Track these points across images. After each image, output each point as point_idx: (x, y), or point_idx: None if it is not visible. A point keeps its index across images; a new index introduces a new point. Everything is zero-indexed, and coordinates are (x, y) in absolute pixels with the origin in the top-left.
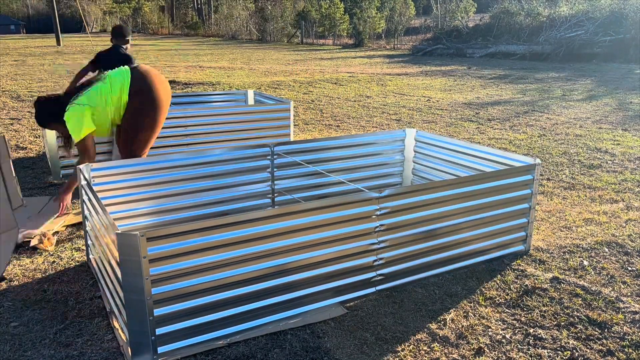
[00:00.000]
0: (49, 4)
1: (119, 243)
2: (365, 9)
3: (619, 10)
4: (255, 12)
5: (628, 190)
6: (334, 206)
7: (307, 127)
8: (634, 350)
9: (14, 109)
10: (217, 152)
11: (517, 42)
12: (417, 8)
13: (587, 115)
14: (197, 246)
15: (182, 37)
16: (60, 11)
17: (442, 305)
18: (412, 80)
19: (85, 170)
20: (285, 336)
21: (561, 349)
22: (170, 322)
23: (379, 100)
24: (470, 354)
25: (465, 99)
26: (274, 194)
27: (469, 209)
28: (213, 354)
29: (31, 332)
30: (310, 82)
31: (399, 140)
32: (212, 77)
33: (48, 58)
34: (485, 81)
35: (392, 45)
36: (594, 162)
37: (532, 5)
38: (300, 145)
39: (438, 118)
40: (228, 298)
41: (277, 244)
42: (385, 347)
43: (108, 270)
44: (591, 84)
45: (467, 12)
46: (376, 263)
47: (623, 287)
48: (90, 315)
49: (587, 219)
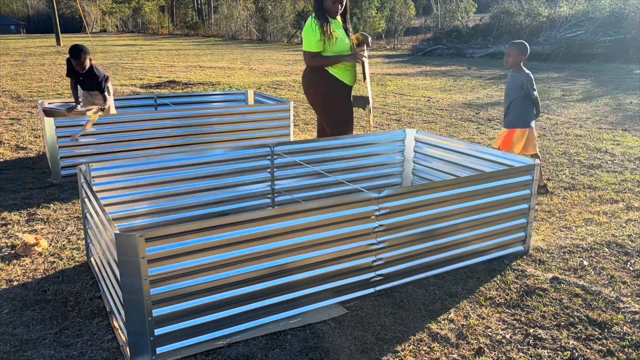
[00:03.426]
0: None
1: (118, 243)
2: (365, 9)
3: (619, 10)
4: (255, 12)
5: (628, 190)
6: (334, 206)
7: (307, 127)
8: (634, 350)
9: (14, 109)
10: (217, 152)
11: None
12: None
13: (587, 115)
14: (197, 246)
15: (182, 37)
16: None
17: (442, 305)
18: (412, 81)
19: (85, 170)
20: (285, 336)
21: (561, 349)
22: (169, 323)
23: (379, 100)
24: (470, 354)
25: (465, 99)
26: (274, 194)
27: (469, 209)
28: (213, 354)
29: (31, 332)
30: None
31: (398, 140)
32: (212, 77)
33: (48, 58)
34: (485, 81)
35: (392, 45)
36: (594, 162)
37: (532, 5)
38: (300, 145)
39: (438, 118)
40: (228, 298)
41: (277, 244)
42: (385, 347)
43: (107, 271)
44: (591, 84)
45: (467, 12)
46: (375, 263)
47: (623, 287)
48: (90, 315)
49: (587, 219)
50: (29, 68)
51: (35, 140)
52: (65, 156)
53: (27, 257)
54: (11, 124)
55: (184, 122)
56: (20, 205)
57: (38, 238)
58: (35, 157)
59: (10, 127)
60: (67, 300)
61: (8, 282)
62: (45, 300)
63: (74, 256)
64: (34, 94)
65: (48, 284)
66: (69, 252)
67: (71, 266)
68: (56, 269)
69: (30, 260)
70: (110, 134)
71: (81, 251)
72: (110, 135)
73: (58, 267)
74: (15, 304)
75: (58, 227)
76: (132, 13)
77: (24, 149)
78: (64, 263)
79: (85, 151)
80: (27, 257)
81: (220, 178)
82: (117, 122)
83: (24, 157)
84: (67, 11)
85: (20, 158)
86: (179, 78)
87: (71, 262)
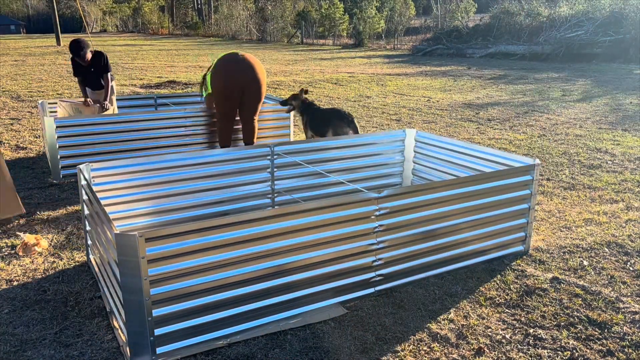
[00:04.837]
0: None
1: (118, 243)
2: (365, 9)
3: (619, 10)
4: (256, 12)
5: (628, 191)
6: (334, 206)
7: None
8: (634, 350)
9: (14, 109)
10: (217, 152)
11: (517, 43)
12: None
13: (587, 115)
14: (197, 246)
15: (182, 37)
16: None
17: (442, 305)
18: (412, 81)
19: (85, 170)
20: (285, 336)
21: (561, 349)
22: (169, 323)
23: (378, 100)
24: (470, 354)
25: (465, 99)
26: (274, 194)
27: (469, 210)
28: (213, 354)
29: (31, 332)
30: (310, 82)
31: (398, 140)
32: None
33: (48, 58)
34: (485, 81)
35: (392, 45)
36: (594, 162)
37: (532, 6)
38: (300, 145)
39: (438, 118)
40: (228, 298)
41: (277, 244)
42: (385, 347)
43: (107, 271)
44: (591, 84)
45: (467, 12)
46: (375, 263)
47: (623, 287)
48: (90, 315)
49: (587, 219)
50: (29, 68)
51: (35, 140)
52: (65, 156)
53: (27, 257)
54: (11, 124)
55: (184, 122)
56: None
57: (38, 238)
58: (35, 157)
59: (10, 127)
60: (67, 300)
61: (8, 282)
62: (45, 300)
63: (74, 256)
64: (34, 94)
65: (48, 284)
66: (69, 252)
67: (71, 266)
68: (56, 269)
69: (30, 260)
70: (110, 134)
71: (81, 251)
72: (110, 135)
73: (58, 267)
74: (15, 304)
75: (58, 227)
76: (132, 13)
77: (24, 149)
78: (64, 263)
79: (85, 151)
80: (27, 257)
81: (220, 178)
82: (117, 122)
83: (24, 157)
84: (67, 11)
85: (20, 158)
86: (179, 78)
87: (71, 262)
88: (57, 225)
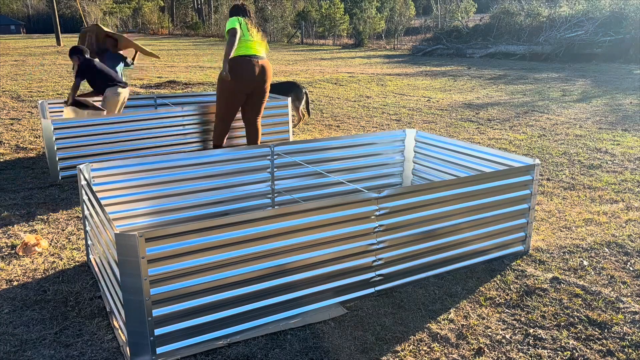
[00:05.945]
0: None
1: (118, 243)
2: (365, 9)
3: (619, 10)
4: (256, 12)
5: (628, 191)
6: (334, 206)
7: (307, 127)
8: (634, 350)
9: (14, 109)
10: (217, 152)
11: (517, 43)
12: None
13: (586, 115)
14: (197, 246)
15: (182, 37)
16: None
17: (442, 305)
18: (412, 81)
19: (85, 170)
20: (285, 336)
21: (561, 349)
22: (169, 323)
23: (378, 100)
24: (470, 354)
25: (465, 99)
26: (274, 194)
27: (469, 210)
28: (213, 354)
29: (31, 332)
30: (310, 82)
31: (399, 140)
32: (212, 78)
33: (48, 58)
34: (485, 81)
35: (392, 45)
36: (594, 162)
37: (532, 6)
38: (300, 145)
39: (438, 118)
40: (228, 298)
41: (277, 244)
42: (385, 347)
43: (107, 271)
44: (591, 84)
45: (467, 12)
46: (375, 263)
47: (623, 287)
48: (90, 315)
49: (587, 219)
50: (29, 68)
51: (35, 141)
52: (65, 157)
53: (27, 257)
54: (11, 124)
55: (184, 122)
56: (20, 205)
57: (38, 238)
58: (35, 157)
59: (10, 127)
60: (67, 300)
61: (8, 282)
62: (45, 300)
63: (74, 256)
64: (34, 94)
65: (48, 284)
66: (69, 252)
67: (71, 266)
68: (56, 269)
69: (30, 260)
70: (110, 134)
71: (81, 251)
72: (110, 135)
73: (58, 267)
74: (15, 304)
75: (58, 227)
76: (132, 13)
77: (24, 149)
78: (64, 263)
79: (85, 151)
80: (27, 257)
81: (220, 178)
82: (117, 122)
83: (24, 157)
84: (67, 11)
85: (20, 158)
86: (179, 78)
87: (71, 262)
88: (57, 225)
